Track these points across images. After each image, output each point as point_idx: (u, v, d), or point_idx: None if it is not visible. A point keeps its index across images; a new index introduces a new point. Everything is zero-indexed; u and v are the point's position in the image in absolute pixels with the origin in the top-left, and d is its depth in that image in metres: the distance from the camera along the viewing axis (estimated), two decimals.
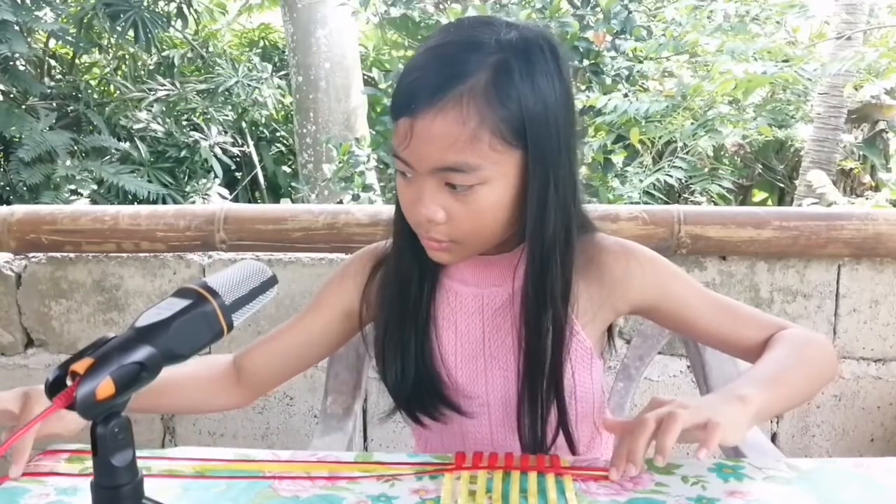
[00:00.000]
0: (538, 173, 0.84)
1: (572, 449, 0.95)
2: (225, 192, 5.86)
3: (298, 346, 1.04)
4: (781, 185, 5.71)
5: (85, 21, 5.67)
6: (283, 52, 6.23)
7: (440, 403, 0.97)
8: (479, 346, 0.96)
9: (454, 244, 0.87)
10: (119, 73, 6.39)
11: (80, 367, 0.58)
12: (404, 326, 0.95)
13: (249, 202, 6.22)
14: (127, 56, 6.35)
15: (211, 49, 6.54)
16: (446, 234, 0.86)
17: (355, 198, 3.90)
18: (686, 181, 4.91)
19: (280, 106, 6.42)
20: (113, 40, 6.06)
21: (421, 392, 0.96)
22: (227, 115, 6.13)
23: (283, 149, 6.61)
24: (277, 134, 6.62)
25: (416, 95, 0.81)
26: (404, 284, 0.95)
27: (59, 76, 6.13)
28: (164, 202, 5.32)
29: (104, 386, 0.57)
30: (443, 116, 0.80)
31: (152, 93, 5.90)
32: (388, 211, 1.77)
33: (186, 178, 5.84)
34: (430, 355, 0.96)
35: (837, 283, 1.75)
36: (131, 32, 5.35)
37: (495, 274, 0.95)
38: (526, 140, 0.83)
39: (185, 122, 6.07)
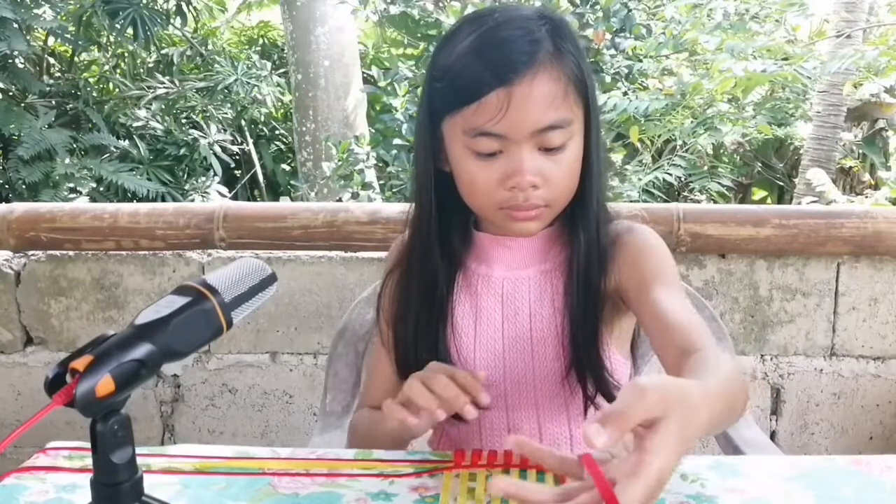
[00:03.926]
0: (592, 134, 0.91)
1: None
2: (224, 190, 5.86)
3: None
4: (781, 184, 5.71)
5: (84, 19, 5.66)
6: (283, 49, 6.22)
7: None
8: (497, 331, 0.98)
9: (546, 209, 0.91)
10: (118, 70, 6.38)
11: (80, 364, 0.58)
12: (431, 326, 0.97)
13: (249, 200, 6.22)
14: (126, 54, 6.34)
15: (210, 47, 6.54)
16: (543, 198, 0.89)
17: (354, 196, 3.90)
18: (685, 179, 4.91)
19: (279, 104, 6.42)
20: (112, 38, 6.05)
21: None
22: (226, 113, 6.12)
23: (282, 147, 6.60)
24: (277, 132, 6.62)
25: (505, 66, 0.84)
26: (431, 282, 0.97)
27: (58, 74, 6.12)
28: (164, 200, 5.31)
29: (104, 383, 0.57)
30: (540, 77, 0.85)
31: (151, 91, 5.90)
32: (388, 209, 1.78)
33: (186, 176, 5.84)
34: (452, 354, 0.98)
35: (837, 281, 1.75)
36: (130, 30, 5.35)
37: (518, 257, 0.98)
38: (587, 96, 0.90)
39: (184, 120, 6.06)
